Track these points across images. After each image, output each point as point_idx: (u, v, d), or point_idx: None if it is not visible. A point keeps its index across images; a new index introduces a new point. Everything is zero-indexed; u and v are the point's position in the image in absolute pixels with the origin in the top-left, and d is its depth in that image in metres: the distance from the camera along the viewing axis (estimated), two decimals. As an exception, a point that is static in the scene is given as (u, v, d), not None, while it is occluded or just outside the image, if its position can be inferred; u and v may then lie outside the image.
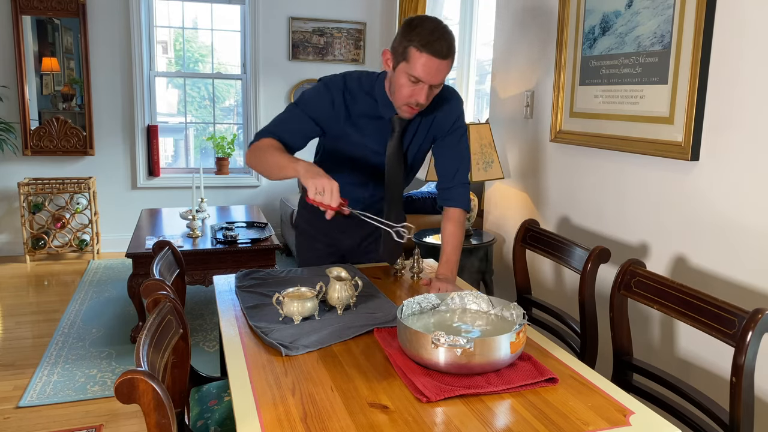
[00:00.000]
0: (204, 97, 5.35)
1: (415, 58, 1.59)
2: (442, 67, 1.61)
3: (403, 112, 1.73)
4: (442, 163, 1.89)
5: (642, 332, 2.25)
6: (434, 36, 1.57)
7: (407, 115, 1.74)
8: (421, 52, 1.58)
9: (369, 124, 1.82)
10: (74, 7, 4.63)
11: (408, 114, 1.73)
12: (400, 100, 1.69)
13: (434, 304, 1.52)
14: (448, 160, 1.88)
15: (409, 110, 1.71)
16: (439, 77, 1.63)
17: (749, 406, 1.27)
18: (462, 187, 1.88)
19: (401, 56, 1.62)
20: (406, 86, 1.64)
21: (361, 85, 1.80)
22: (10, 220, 4.85)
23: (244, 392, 1.20)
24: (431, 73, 1.60)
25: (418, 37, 1.57)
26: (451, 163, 1.88)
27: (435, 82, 1.63)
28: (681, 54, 2.00)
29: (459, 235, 1.86)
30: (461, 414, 1.13)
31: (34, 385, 2.73)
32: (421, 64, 1.59)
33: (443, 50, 1.58)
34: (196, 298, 3.92)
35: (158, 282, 1.44)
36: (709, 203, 1.95)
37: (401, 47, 1.62)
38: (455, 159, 1.88)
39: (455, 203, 1.87)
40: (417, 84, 1.63)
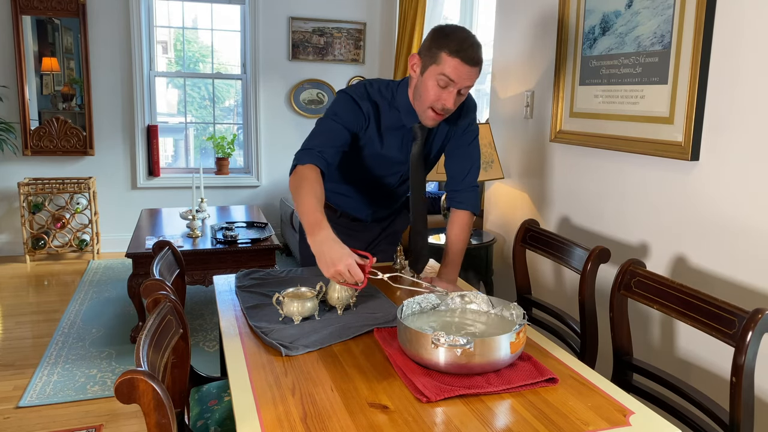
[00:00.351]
0: (204, 97, 5.35)
1: (446, 62, 1.60)
2: (473, 73, 1.63)
3: (427, 118, 1.71)
4: (452, 164, 1.89)
5: (642, 332, 2.25)
6: (466, 44, 1.60)
7: (431, 122, 1.73)
8: (453, 57, 1.59)
9: (390, 134, 1.82)
10: (74, 7, 4.63)
11: (432, 122, 1.72)
12: (426, 102, 1.67)
13: (434, 304, 1.52)
14: (459, 162, 1.88)
15: (434, 116, 1.70)
16: (468, 81, 1.64)
17: (749, 406, 1.27)
18: (472, 190, 1.88)
19: (431, 60, 1.63)
20: (433, 89, 1.64)
21: (383, 96, 1.80)
22: (10, 220, 4.85)
23: (244, 392, 1.20)
24: (462, 77, 1.61)
25: (451, 44, 1.60)
26: (462, 165, 1.88)
27: (464, 85, 1.64)
28: (681, 54, 2.00)
29: (464, 238, 1.86)
30: (461, 414, 1.13)
31: (34, 385, 2.73)
32: (453, 67, 1.60)
33: (475, 57, 1.61)
34: (196, 298, 3.92)
35: (158, 282, 1.44)
36: (709, 203, 1.95)
37: (432, 51, 1.63)
38: (466, 161, 1.88)
39: (464, 206, 1.87)
40: (446, 88, 1.63)
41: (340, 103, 1.77)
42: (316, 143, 1.71)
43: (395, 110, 1.79)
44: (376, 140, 1.82)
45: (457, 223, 1.87)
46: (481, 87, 4.35)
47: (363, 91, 1.79)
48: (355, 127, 1.76)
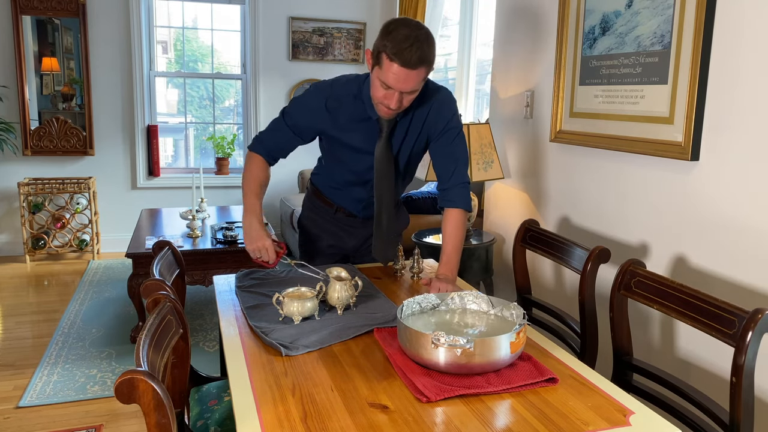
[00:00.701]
0: (204, 97, 5.35)
1: (386, 66, 1.60)
2: (412, 76, 1.60)
3: (380, 111, 1.74)
4: (438, 163, 1.89)
5: (642, 332, 2.25)
6: (406, 44, 1.56)
7: (384, 115, 1.75)
8: (392, 60, 1.58)
9: (358, 127, 1.83)
10: (74, 7, 4.63)
11: (385, 114, 1.75)
12: (374, 99, 1.72)
13: (434, 304, 1.52)
14: (444, 160, 1.87)
15: (385, 111, 1.73)
16: (409, 85, 1.62)
17: (749, 406, 1.27)
18: (461, 187, 1.87)
19: (376, 60, 1.64)
20: (379, 89, 1.67)
21: (348, 90, 1.81)
22: (10, 220, 4.85)
23: (244, 392, 1.20)
24: (400, 81, 1.61)
25: (390, 44, 1.57)
26: (447, 164, 1.87)
27: (404, 89, 1.63)
28: (681, 54, 2.00)
29: (459, 236, 1.85)
30: (461, 414, 1.13)
31: (34, 385, 2.73)
32: (392, 72, 1.59)
33: (413, 60, 1.57)
34: (196, 298, 3.92)
35: (158, 282, 1.44)
36: (709, 203, 1.95)
37: (376, 51, 1.63)
38: (451, 159, 1.87)
39: (455, 204, 1.86)
40: (388, 89, 1.64)
41: (297, 99, 1.88)
42: (267, 138, 1.92)
43: (360, 102, 1.81)
44: (342, 132, 1.85)
45: (450, 221, 1.86)
46: (481, 87, 4.35)
47: (326, 86, 1.84)
48: (301, 123, 1.87)
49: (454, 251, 1.84)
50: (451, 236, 1.84)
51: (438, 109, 1.84)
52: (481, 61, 4.30)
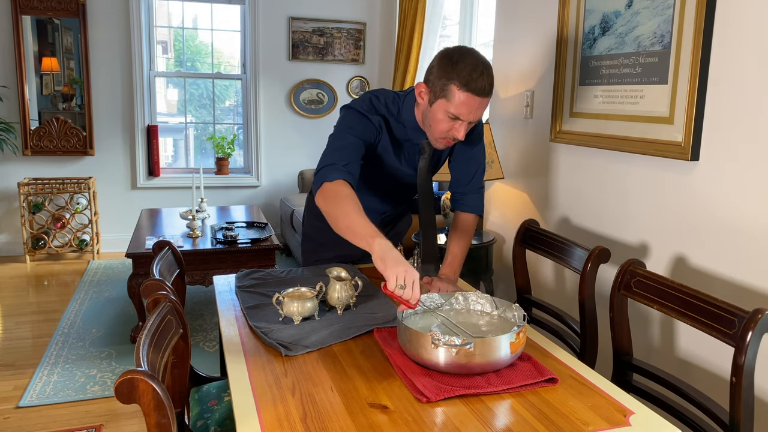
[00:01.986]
0: (204, 97, 5.35)
1: (455, 97, 1.54)
2: (483, 104, 1.57)
3: (438, 145, 1.69)
4: (457, 167, 1.87)
5: (642, 332, 2.25)
6: (476, 74, 1.52)
7: (442, 146, 1.70)
8: (463, 90, 1.53)
9: (396, 146, 1.80)
10: (74, 7, 4.63)
11: (443, 146, 1.69)
12: (437, 134, 1.64)
13: (437, 304, 1.52)
14: (465, 165, 1.86)
15: (445, 143, 1.67)
16: (479, 114, 1.59)
17: (749, 406, 1.27)
18: (477, 193, 1.88)
19: (440, 92, 1.57)
20: (444, 122, 1.60)
21: (389, 111, 1.77)
22: (10, 220, 4.85)
23: (244, 392, 1.20)
24: (472, 111, 1.56)
25: (459, 76, 1.52)
26: (467, 168, 1.86)
27: (475, 119, 1.60)
28: (681, 54, 2.00)
29: (467, 240, 1.85)
30: (461, 414, 1.13)
31: (34, 385, 2.73)
32: (463, 103, 1.54)
33: (485, 88, 1.54)
34: (196, 298, 3.92)
35: (158, 282, 1.44)
36: (709, 203, 1.95)
37: (440, 83, 1.56)
38: (472, 164, 1.86)
39: (471, 209, 1.87)
40: (455, 120, 1.59)
41: (349, 118, 1.73)
42: (338, 158, 1.65)
43: (401, 125, 1.77)
44: (390, 152, 1.79)
45: (461, 225, 1.86)
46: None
47: (369, 105, 1.75)
48: (369, 139, 1.73)
49: (460, 253, 1.83)
50: (460, 238, 1.84)
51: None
52: (481, 61, 4.29)
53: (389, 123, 1.77)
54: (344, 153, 1.66)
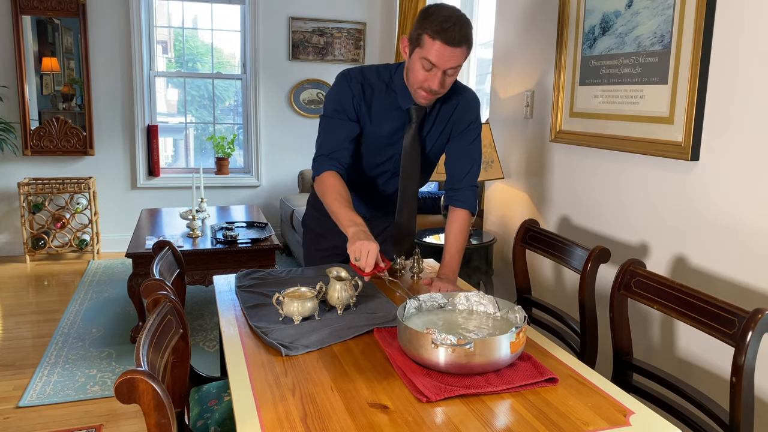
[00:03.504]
0: (204, 97, 5.35)
1: (428, 45, 1.62)
2: (455, 54, 1.63)
3: (419, 97, 1.74)
4: (453, 162, 1.90)
5: (642, 332, 2.25)
6: (448, 24, 1.59)
7: (423, 101, 1.75)
8: (434, 39, 1.61)
9: (387, 116, 1.84)
10: (74, 7, 4.63)
11: (424, 100, 1.75)
12: (414, 83, 1.71)
13: (440, 304, 1.52)
14: (460, 160, 1.89)
15: (425, 95, 1.72)
16: (452, 63, 1.64)
17: (749, 406, 1.27)
18: (470, 190, 1.89)
19: (416, 43, 1.66)
20: (420, 71, 1.67)
21: (380, 78, 1.83)
22: (10, 220, 4.85)
23: (244, 392, 1.20)
24: (443, 59, 1.62)
25: (432, 25, 1.61)
26: (462, 164, 1.89)
27: (447, 67, 1.65)
28: (681, 54, 2.00)
29: (464, 238, 1.87)
30: (461, 414, 1.13)
31: (34, 385, 2.73)
32: (435, 50, 1.62)
33: (455, 38, 1.60)
34: (196, 298, 3.92)
35: (158, 282, 1.44)
36: (709, 203, 1.95)
37: (416, 34, 1.66)
38: (467, 159, 1.89)
39: (463, 205, 1.88)
40: (430, 70, 1.65)
41: (333, 92, 1.83)
42: (326, 149, 1.80)
43: (392, 92, 1.82)
44: (372, 120, 1.84)
45: (455, 222, 1.88)
46: (481, 87, 4.35)
47: (357, 73, 1.83)
48: (353, 112, 1.81)
49: (458, 252, 1.85)
50: (456, 237, 1.86)
51: (465, 107, 1.87)
52: (481, 61, 4.30)
53: (374, 90, 1.82)
54: (330, 141, 1.81)
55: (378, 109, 1.83)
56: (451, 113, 1.86)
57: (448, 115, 1.86)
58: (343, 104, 1.80)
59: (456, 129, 1.88)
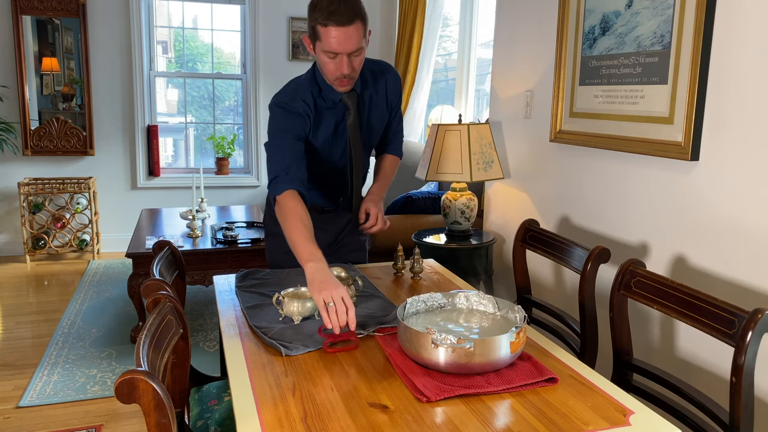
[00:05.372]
0: (204, 97, 5.35)
1: (324, 35, 1.65)
2: (351, 32, 1.64)
3: (339, 87, 1.78)
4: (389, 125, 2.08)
5: (642, 332, 2.25)
6: (333, 6, 1.61)
7: (343, 89, 1.80)
8: (326, 26, 1.63)
9: (328, 116, 1.88)
10: (74, 7, 4.63)
11: (344, 88, 1.79)
12: (329, 76, 1.75)
13: (440, 304, 1.52)
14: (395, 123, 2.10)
15: (342, 83, 1.76)
16: (352, 44, 1.66)
17: (749, 406, 1.27)
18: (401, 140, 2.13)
19: (314, 37, 1.70)
20: (328, 63, 1.70)
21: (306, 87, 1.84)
22: (10, 220, 4.85)
23: (244, 392, 1.20)
24: (342, 43, 1.65)
25: (319, 13, 1.63)
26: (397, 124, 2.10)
27: (349, 50, 1.67)
28: (681, 54, 2.00)
29: (391, 173, 2.09)
30: (461, 414, 1.13)
31: (34, 385, 2.73)
32: (332, 37, 1.64)
33: (345, 17, 1.62)
34: (196, 298, 3.92)
35: (158, 282, 1.44)
36: (708, 203, 1.95)
37: (311, 28, 1.69)
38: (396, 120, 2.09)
39: (395, 152, 2.12)
40: (335, 58, 1.68)
41: (276, 120, 1.80)
42: (280, 167, 1.75)
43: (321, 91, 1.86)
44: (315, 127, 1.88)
45: (386, 161, 2.10)
46: (481, 87, 4.35)
47: (293, 94, 1.82)
48: (301, 131, 1.80)
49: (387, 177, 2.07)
50: (385, 168, 2.08)
51: (394, 83, 1.98)
52: (481, 61, 4.30)
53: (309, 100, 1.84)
54: (284, 159, 1.75)
55: (320, 112, 1.87)
56: (385, 91, 1.96)
57: (382, 90, 1.95)
58: (291, 124, 1.79)
59: (393, 100, 2.01)
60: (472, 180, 2.86)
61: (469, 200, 2.98)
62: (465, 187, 3.01)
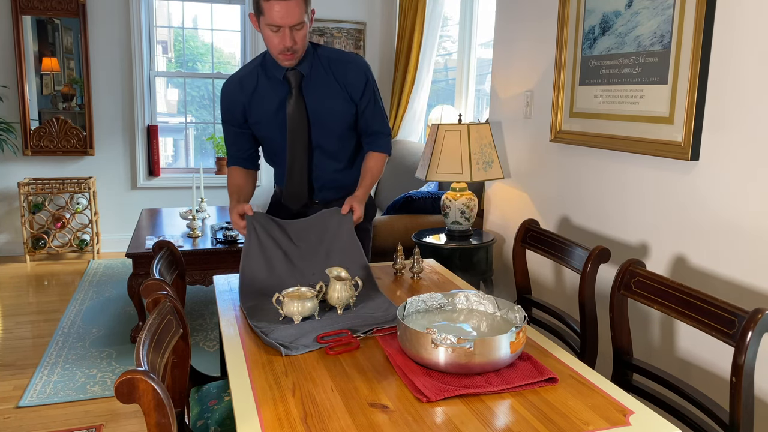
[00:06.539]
0: (204, 97, 5.35)
1: (267, 9, 1.75)
2: (292, 6, 1.75)
3: (283, 61, 1.88)
4: (365, 120, 2.07)
5: (642, 332, 2.25)
6: None
7: (287, 63, 1.88)
8: (269, 1, 1.73)
9: (273, 94, 1.96)
10: (74, 7, 4.63)
11: (288, 62, 1.88)
12: (273, 50, 1.85)
13: (440, 304, 1.52)
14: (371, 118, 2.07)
15: (286, 57, 1.85)
16: (294, 18, 1.76)
17: (749, 406, 1.27)
18: (384, 137, 2.11)
19: (258, 12, 1.80)
20: (271, 37, 1.81)
21: (251, 66, 1.99)
22: (10, 220, 4.85)
23: (244, 392, 1.20)
24: (284, 17, 1.75)
25: None
26: (374, 119, 2.07)
27: (291, 23, 1.77)
28: (681, 54, 2.00)
29: (378, 169, 2.07)
30: (461, 414, 1.13)
31: (34, 385, 2.73)
32: (273, 11, 1.75)
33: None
34: (196, 298, 3.92)
35: (158, 282, 1.44)
36: (708, 203, 1.95)
37: (255, 5, 1.80)
38: (376, 115, 2.07)
39: (381, 149, 2.10)
40: (278, 31, 1.78)
41: (221, 106, 2.06)
42: (229, 152, 2.11)
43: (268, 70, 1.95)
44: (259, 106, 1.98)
45: (373, 159, 2.08)
46: (481, 87, 4.35)
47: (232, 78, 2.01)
48: (237, 117, 2.02)
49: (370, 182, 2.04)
50: (371, 170, 2.06)
51: (356, 72, 2.00)
52: (481, 61, 4.30)
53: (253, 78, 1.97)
54: (230, 147, 2.10)
55: (261, 90, 1.97)
56: (343, 78, 1.98)
57: (340, 79, 1.98)
58: (230, 111, 2.02)
59: (355, 93, 2.00)
60: (472, 180, 2.86)
61: (469, 200, 2.98)
62: (465, 187, 3.01)
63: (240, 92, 1.98)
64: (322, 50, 1.99)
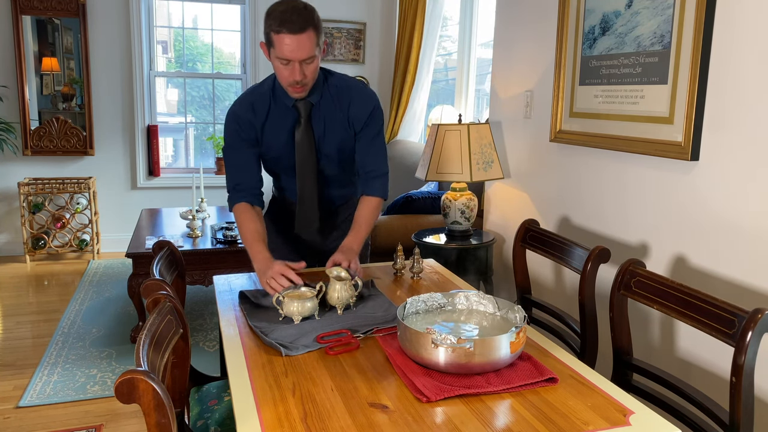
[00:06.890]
0: (204, 97, 5.35)
1: (277, 42, 1.70)
2: (303, 41, 1.69)
3: (293, 93, 1.83)
4: (362, 155, 1.98)
5: (642, 332, 2.25)
6: (286, 15, 1.67)
7: (297, 95, 1.84)
8: (279, 33, 1.68)
9: (282, 122, 1.92)
10: (74, 7, 4.63)
11: (296, 94, 1.83)
12: (284, 82, 1.80)
13: (440, 304, 1.52)
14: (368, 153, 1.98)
15: (295, 89, 1.81)
16: (304, 52, 1.71)
17: (749, 406, 1.27)
18: (381, 178, 1.99)
19: (269, 44, 1.75)
20: (282, 69, 1.76)
21: (261, 90, 1.91)
22: (10, 220, 4.85)
23: (244, 392, 1.20)
24: (295, 51, 1.70)
25: (273, 21, 1.69)
26: (370, 156, 1.98)
27: (301, 57, 1.71)
28: (681, 54, 2.00)
29: (372, 219, 1.96)
30: (461, 414, 1.13)
31: (34, 385, 2.73)
32: (283, 44, 1.69)
33: (297, 25, 1.67)
34: (196, 298, 3.92)
35: (158, 282, 1.44)
36: (708, 203, 1.95)
37: (266, 35, 1.75)
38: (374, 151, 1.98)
39: (376, 192, 1.98)
40: (288, 64, 1.74)
41: (227, 128, 1.93)
42: (233, 181, 1.94)
43: (278, 97, 1.90)
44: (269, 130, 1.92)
45: (367, 205, 1.96)
46: (481, 87, 4.35)
47: (241, 100, 1.93)
48: (250, 137, 1.92)
49: (365, 230, 1.92)
50: (365, 216, 1.95)
51: (360, 102, 1.93)
52: (481, 61, 4.30)
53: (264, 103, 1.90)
54: (235, 174, 1.94)
55: (273, 118, 1.91)
56: (347, 107, 1.92)
57: (344, 108, 1.92)
58: (240, 134, 1.91)
59: (358, 123, 1.94)
60: (472, 180, 2.86)
61: (469, 200, 2.98)
62: (465, 187, 3.01)
63: (253, 115, 1.91)
64: (333, 79, 1.92)
